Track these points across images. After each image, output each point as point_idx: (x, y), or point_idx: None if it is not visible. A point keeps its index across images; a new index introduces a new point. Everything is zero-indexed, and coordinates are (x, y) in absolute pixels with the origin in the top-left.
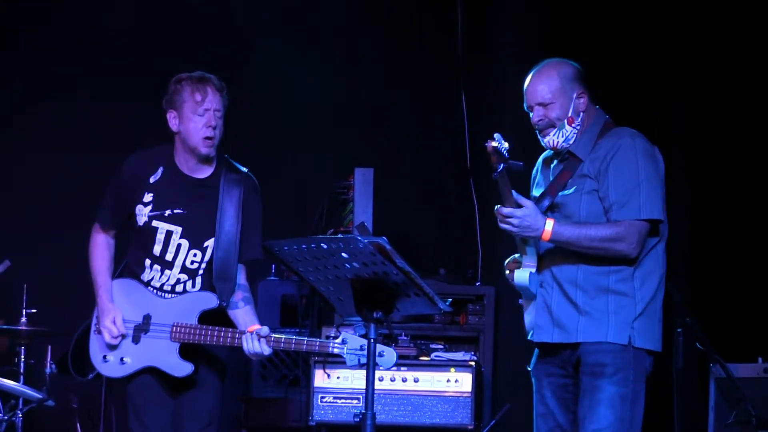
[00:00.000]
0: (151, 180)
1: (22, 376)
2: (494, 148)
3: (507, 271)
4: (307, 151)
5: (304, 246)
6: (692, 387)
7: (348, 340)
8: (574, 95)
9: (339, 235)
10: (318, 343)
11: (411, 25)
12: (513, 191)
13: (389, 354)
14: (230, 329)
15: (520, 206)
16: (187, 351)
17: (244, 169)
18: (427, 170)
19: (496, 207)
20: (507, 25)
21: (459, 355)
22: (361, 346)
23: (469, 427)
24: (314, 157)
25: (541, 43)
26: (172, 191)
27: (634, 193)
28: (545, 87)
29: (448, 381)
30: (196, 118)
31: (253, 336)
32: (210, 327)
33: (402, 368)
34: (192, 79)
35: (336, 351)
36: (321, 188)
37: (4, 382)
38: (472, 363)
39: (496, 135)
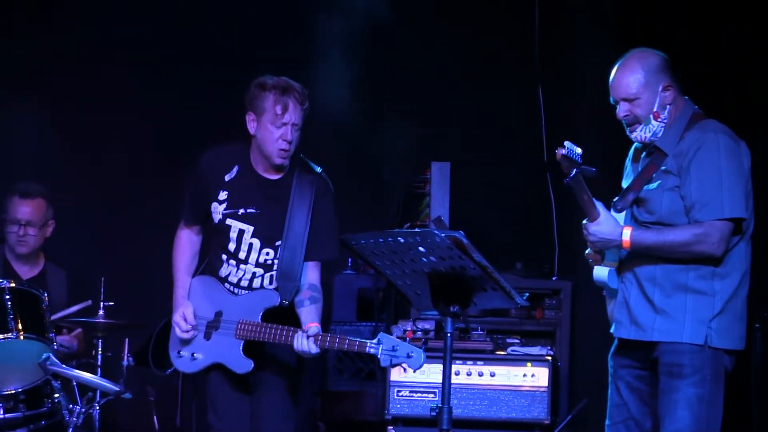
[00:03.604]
0: (227, 178)
1: (99, 369)
2: (563, 156)
3: (590, 260)
4: (384, 145)
5: (381, 240)
6: None
7: (383, 341)
8: (660, 88)
9: (416, 229)
10: (358, 342)
11: (488, 18)
12: (593, 198)
13: (417, 355)
14: (287, 327)
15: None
16: (254, 349)
17: (318, 169)
18: (504, 164)
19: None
20: (584, 16)
21: (535, 350)
22: (393, 347)
23: (546, 422)
24: (391, 151)
25: (618, 34)
26: (245, 190)
27: (716, 192)
28: (630, 82)
29: (525, 375)
30: (274, 129)
31: (303, 335)
32: (270, 325)
33: (478, 362)
34: (276, 89)
35: (372, 351)
36: (398, 182)
37: (82, 374)
38: (549, 357)
39: (566, 143)
